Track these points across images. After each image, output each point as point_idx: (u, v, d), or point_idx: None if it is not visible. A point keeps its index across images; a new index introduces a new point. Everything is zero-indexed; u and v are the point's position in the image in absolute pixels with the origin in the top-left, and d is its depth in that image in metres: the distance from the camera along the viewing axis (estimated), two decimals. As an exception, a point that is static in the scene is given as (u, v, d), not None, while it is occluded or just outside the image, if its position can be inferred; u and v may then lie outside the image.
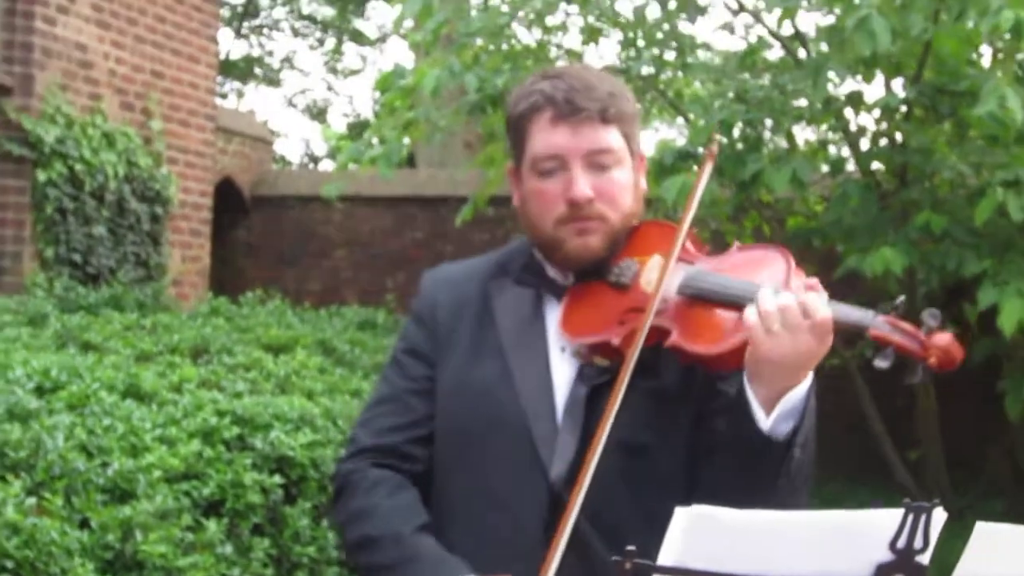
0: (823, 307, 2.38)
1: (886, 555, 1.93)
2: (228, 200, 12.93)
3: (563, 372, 2.65)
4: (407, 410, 2.76)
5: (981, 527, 1.93)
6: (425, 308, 2.83)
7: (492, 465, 2.61)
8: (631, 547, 1.89)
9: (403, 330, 2.89)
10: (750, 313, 2.39)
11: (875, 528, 1.92)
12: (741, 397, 2.45)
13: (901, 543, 1.92)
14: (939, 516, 1.92)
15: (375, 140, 9.78)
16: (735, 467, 2.40)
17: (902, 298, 2.39)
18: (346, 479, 2.76)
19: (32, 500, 4.56)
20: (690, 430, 2.59)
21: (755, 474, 2.24)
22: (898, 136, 8.35)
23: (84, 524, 4.69)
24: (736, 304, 2.47)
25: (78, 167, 9.58)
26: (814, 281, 2.45)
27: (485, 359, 2.71)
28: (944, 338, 2.31)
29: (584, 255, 2.66)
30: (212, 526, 5.08)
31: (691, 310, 2.53)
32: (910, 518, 1.91)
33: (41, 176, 9.31)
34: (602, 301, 2.64)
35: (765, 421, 2.41)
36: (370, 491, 2.70)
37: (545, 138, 2.65)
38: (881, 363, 2.34)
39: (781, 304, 2.38)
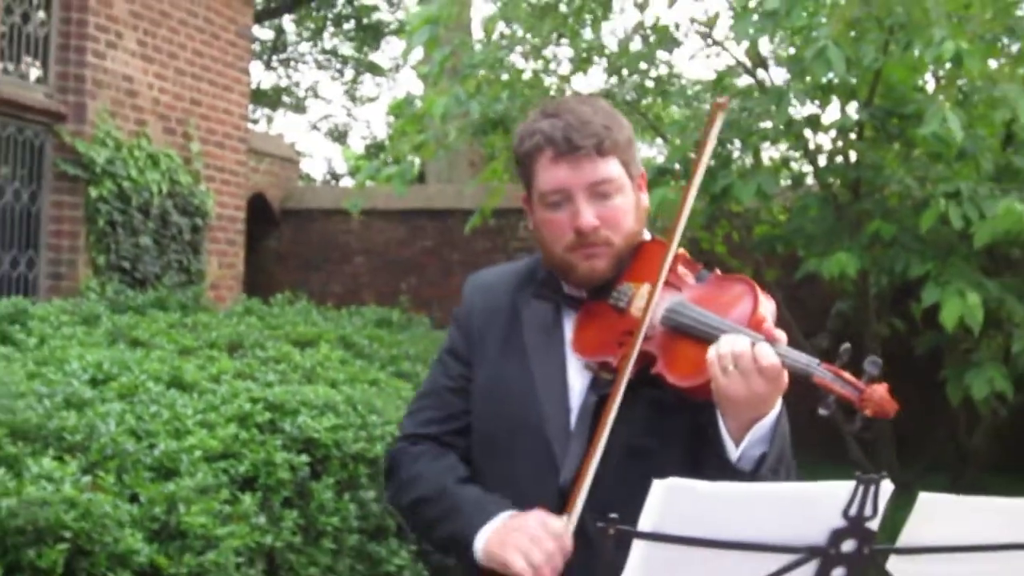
0: (771, 355, 2.34)
1: (840, 522, 1.93)
2: (259, 213, 12.92)
3: (579, 379, 2.64)
4: (444, 404, 2.77)
5: (924, 497, 1.94)
6: (463, 313, 2.83)
7: (515, 463, 2.60)
8: (614, 515, 1.89)
9: (447, 332, 2.88)
10: (711, 353, 2.38)
11: (830, 498, 1.92)
12: (714, 428, 2.44)
13: (853, 511, 1.92)
14: (886, 487, 1.92)
15: (390, 160, 9.77)
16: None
17: (847, 346, 2.36)
18: (393, 459, 2.79)
19: (87, 478, 4.57)
20: (689, 436, 2.56)
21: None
22: (852, 154, 8.35)
23: (133, 499, 4.70)
24: (708, 340, 2.44)
25: (126, 185, 9.58)
26: (773, 333, 2.41)
27: (511, 364, 2.69)
28: (880, 390, 2.26)
29: (592, 277, 2.64)
30: (247, 500, 5.09)
31: (672, 340, 2.51)
32: (861, 489, 1.91)
33: (93, 193, 9.30)
34: (605, 322, 2.61)
35: (734, 451, 2.41)
36: (414, 462, 2.72)
37: (549, 175, 2.61)
38: (823, 411, 2.30)
39: (735, 351, 2.35)
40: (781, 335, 2.41)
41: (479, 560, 2.50)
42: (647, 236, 2.72)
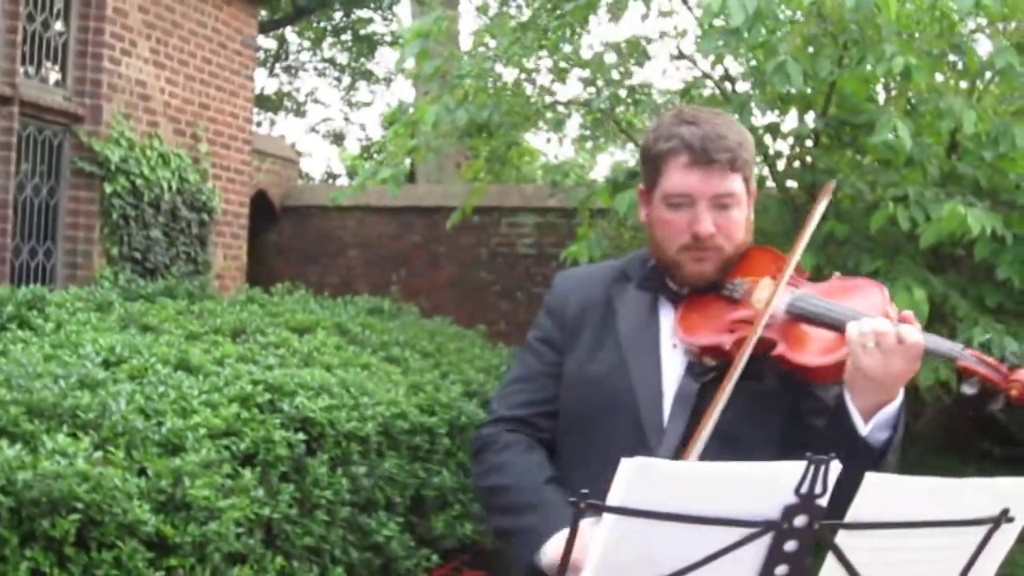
0: (916, 335, 2.37)
1: (792, 498, 1.93)
2: (262, 209, 12.89)
3: (672, 367, 2.62)
4: (539, 389, 2.74)
5: (871, 477, 1.95)
6: (558, 304, 2.80)
7: (604, 446, 2.54)
8: (585, 491, 1.89)
9: (536, 321, 2.85)
10: (852, 331, 2.39)
11: (783, 477, 1.93)
12: (841, 406, 2.43)
13: (804, 488, 1.92)
14: (835, 467, 1.93)
15: (383, 162, 9.75)
16: None
17: (989, 336, 2.39)
18: (484, 441, 2.74)
19: (99, 453, 4.56)
20: (784, 426, 2.57)
21: (846, 472, 2.12)
22: (808, 159, 8.36)
23: (142, 472, 4.68)
24: (837, 326, 2.45)
25: (138, 182, 9.56)
26: (909, 314, 2.44)
27: (604, 352, 2.67)
28: (1022, 374, 2.30)
29: (699, 278, 2.64)
30: (247, 474, 5.08)
31: (795, 327, 2.52)
32: (812, 468, 1.92)
33: (108, 189, 9.28)
34: (715, 311, 2.61)
35: (864, 428, 2.41)
36: (504, 450, 2.68)
37: (679, 179, 2.59)
38: (968, 389, 2.34)
39: (879, 329, 2.37)
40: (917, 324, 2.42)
41: (543, 561, 2.45)
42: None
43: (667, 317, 2.67)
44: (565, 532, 2.33)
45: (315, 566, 5.67)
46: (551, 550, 2.42)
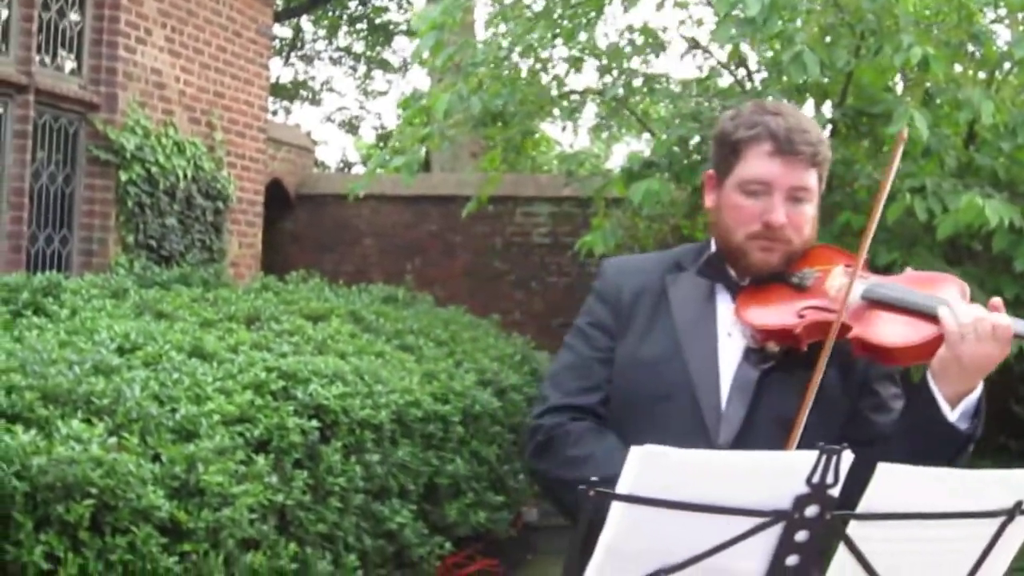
0: (1008, 320, 2.39)
1: (803, 488, 1.93)
2: (277, 198, 12.90)
3: (729, 354, 2.61)
4: (593, 375, 2.70)
5: (883, 467, 1.94)
6: (610, 290, 2.76)
7: (659, 431, 2.43)
8: (595, 478, 1.88)
9: (586, 307, 2.81)
10: (949, 318, 2.40)
11: (795, 466, 1.92)
12: (927, 393, 2.44)
13: (816, 479, 1.92)
14: (847, 457, 1.92)
15: (397, 150, 9.75)
16: (910, 454, 2.18)
17: None
18: (550, 433, 2.68)
19: (113, 439, 4.57)
20: (844, 418, 2.57)
21: (928, 462, 2.09)
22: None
23: (156, 458, 4.70)
24: (917, 311, 2.47)
25: (154, 169, 9.57)
26: (997, 301, 2.46)
27: (658, 338, 2.65)
28: None
29: (764, 268, 2.62)
30: (261, 461, 5.09)
31: (871, 312, 2.52)
32: (823, 458, 1.91)
33: (123, 176, 9.30)
34: (780, 298, 2.60)
35: (951, 414, 2.42)
36: (579, 441, 2.62)
37: (760, 166, 2.59)
38: None
39: (977, 315, 2.39)
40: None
41: None
42: None
43: (724, 305, 2.66)
44: None
45: (328, 553, 5.68)
46: None
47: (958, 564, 2.06)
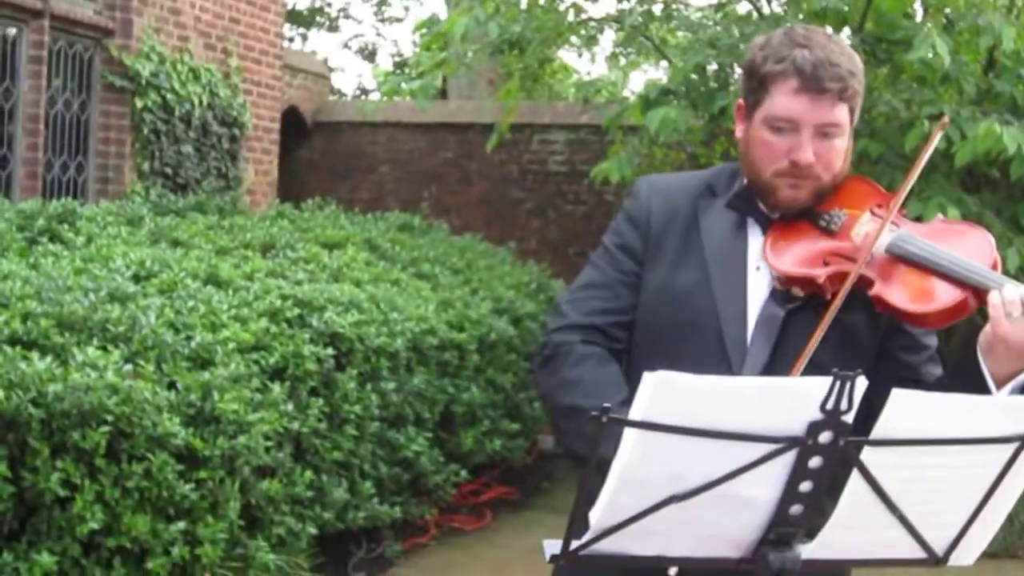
0: None
1: (817, 415, 1.92)
2: (293, 125, 12.86)
3: (757, 289, 2.56)
4: (615, 297, 2.65)
5: (896, 393, 1.93)
6: (640, 212, 2.69)
7: (683, 361, 2.30)
8: (607, 404, 1.87)
9: (615, 226, 2.73)
10: (995, 298, 2.34)
11: (809, 392, 1.91)
12: (974, 367, 2.40)
13: (830, 405, 1.91)
14: (861, 383, 1.91)
15: (413, 75, 9.70)
16: None
17: None
18: (556, 350, 2.64)
19: (129, 366, 4.59)
20: (870, 359, 2.54)
21: None
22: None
23: (171, 386, 4.72)
24: (943, 274, 2.41)
25: (169, 97, 9.54)
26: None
27: (688, 267, 2.60)
28: None
29: (792, 205, 2.56)
30: (276, 388, 5.12)
31: (895, 268, 2.46)
32: (837, 384, 1.90)
33: (139, 103, 9.27)
34: (807, 240, 2.54)
35: (998, 393, 2.37)
36: (579, 363, 2.59)
37: (786, 102, 2.49)
38: None
39: (1023, 293, 2.32)
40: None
41: None
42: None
43: (755, 238, 2.60)
44: None
45: (344, 480, 5.72)
46: None
47: (972, 490, 2.06)
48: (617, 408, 2.39)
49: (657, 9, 9.23)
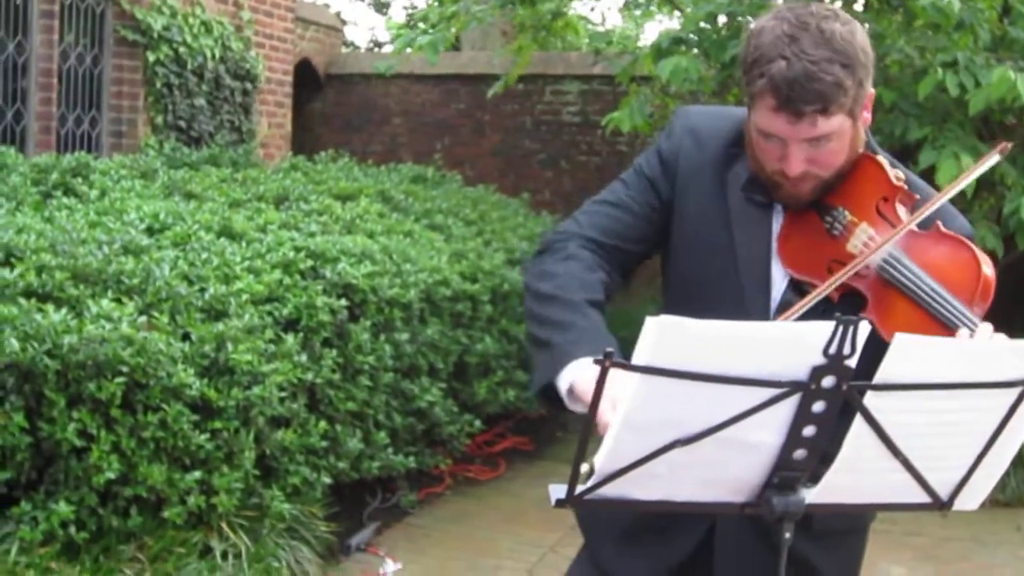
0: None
1: (820, 359, 1.93)
2: (306, 78, 12.84)
3: (780, 271, 2.53)
4: (628, 225, 2.60)
5: (900, 337, 1.93)
6: (672, 151, 2.62)
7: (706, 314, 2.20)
8: (610, 349, 1.88)
9: (648, 155, 2.67)
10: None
11: (812, 337, 1.92)
12: None
13: (833, 349, 1.92)
14: (864, 327, 1.92)
15: (425, 29, 9.68)
16: None
17: None
18: (549, 244, 2.62)
19: (143, 318, 4.62)
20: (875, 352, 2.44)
21: None
22: (856, 24, 8.25)
23: (186, 337, 4.75)
24: (922, 308, 2.36)
25: (182, 50, 9.53)
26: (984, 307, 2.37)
27: (714, 230, 2.55)
28: None
29: (795, 202, 2.49)
30: (290, 339, 5.14)
31: (886, 291, 2.41)
32: (840, 329, 1.91)
33: (151, 57, 9.26)
34: (814, 239, 2.48)
35: None
36: (565, 260, 2.54)
37: (767, 119, 2.37)
38: None
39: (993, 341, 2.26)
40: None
41: (560, 385, 2.35)
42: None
43: (777, 216, 2.55)
44: (587, 362, 2.29)
45: (358, 430, 5.75)
46: (569, 374, 2.33)
47: (976, 435, 2.07)
48: (583, 306, 2.42)
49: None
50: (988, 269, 2.37)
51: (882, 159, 2.51)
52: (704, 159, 2.60)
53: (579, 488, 2.01)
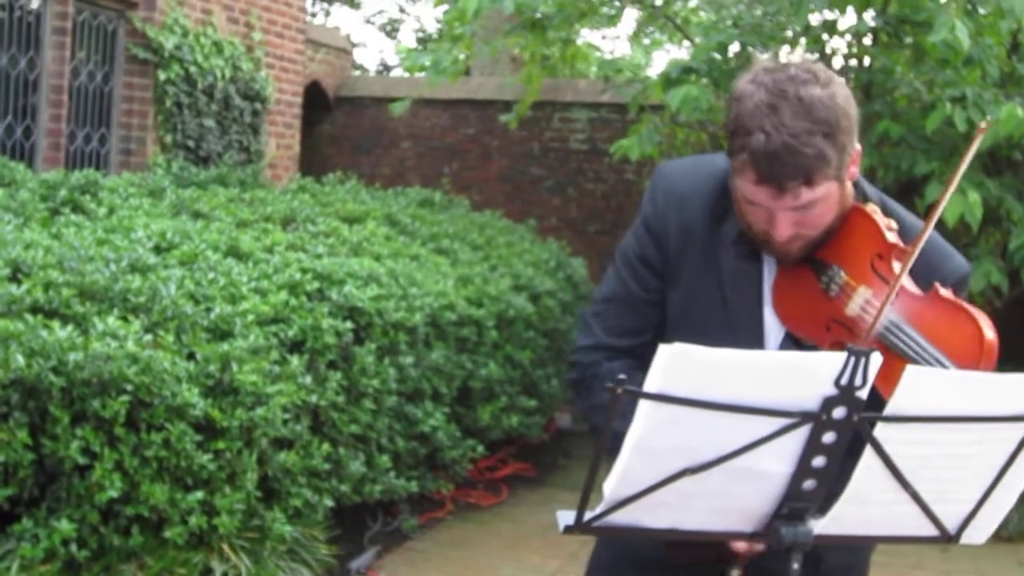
0: None
1: (832, 390, 1.92)
2: (315, 100, 12.87)
3: (775, 321, 2.49)
4: (639, 316, 2.60)
5: (911, 370, 1.93)
6: (658, 223, 2.56)
7: None
8: (622, 376, 1.88)
9: (637, 231, 2.62)
10: None
11: (823, 368, 1.92)
12: None
13: (844, 380, 1.92)
14: (876, 359, 1.91)
15: (434, 51, 9.71)
16: None
17: None
18: (583, 372, 2.62)
19: (149, 336, 4.61)
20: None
21: None
22: (865, 58, 8.26)
23: (191, 356, 4.74)
24: None
25: (192, 69, 9.55)
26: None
27: (707, 297, 2.52)
28: None
29: (786, 259, 2.45)
30: (295, 361, 5.13)
31: (886, 355, 2.25)
32: (852, 360, 1.90)
33: (162, 76, 9.28)
34: (810, 295, 2.43)
35: None
36: (604, 389, 2.51)
37: (749, 190, 2.33)
38: None
39: None
40: None
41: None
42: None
43: (769, 268, 2.51)
44: None
45: (361, 453, 5.73)
46: None
47: (985, 469, 2.07)
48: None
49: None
50: (990, 333, 2.27)
51: (872, 209, 2.44)
52: (692, 219, 2.55)
53: (588, 515, 2.00)
